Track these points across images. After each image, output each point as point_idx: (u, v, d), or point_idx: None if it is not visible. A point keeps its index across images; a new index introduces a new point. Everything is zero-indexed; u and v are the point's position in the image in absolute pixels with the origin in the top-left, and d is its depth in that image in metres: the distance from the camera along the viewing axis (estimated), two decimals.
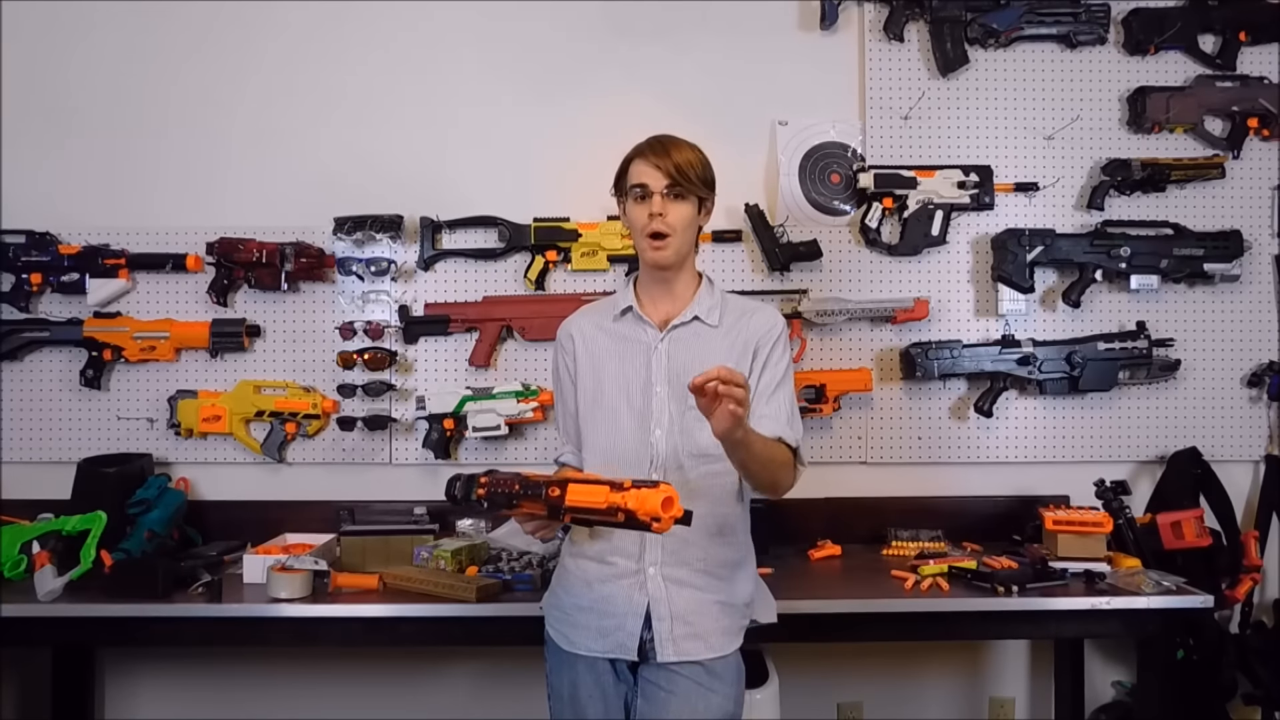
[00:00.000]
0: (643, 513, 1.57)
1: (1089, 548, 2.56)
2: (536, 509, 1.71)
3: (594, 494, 1.62)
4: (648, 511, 1.57)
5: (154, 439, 2.95)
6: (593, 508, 1.62)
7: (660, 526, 1.58)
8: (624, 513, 1.59)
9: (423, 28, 3.00)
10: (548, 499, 1.67)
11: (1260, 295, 3.01)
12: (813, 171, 3.00)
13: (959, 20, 2.96)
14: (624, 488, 1.60)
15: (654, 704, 1.87)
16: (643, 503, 1.57)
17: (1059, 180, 3.00)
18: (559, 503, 1.65)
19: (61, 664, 2.90)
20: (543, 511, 1.70)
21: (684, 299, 1.97)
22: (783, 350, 1.96)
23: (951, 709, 3.05)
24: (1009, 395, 2.97)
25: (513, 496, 1.73)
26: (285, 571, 2.38)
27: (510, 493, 1.73)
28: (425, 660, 3.01)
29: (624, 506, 1.58)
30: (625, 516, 1.59)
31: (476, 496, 1.77)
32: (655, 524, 1.57)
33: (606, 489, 1.62)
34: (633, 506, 1.58)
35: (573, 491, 1.65)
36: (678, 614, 1.87)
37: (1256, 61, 3.02)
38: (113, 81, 3.00)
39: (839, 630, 2.47)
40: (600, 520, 1.64)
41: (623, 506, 1.59)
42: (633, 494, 1.59)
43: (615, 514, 1.60)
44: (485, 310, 2.94)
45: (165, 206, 2.99)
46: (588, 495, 1.63)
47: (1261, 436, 3.01)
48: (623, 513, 1.59)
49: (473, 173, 2.99)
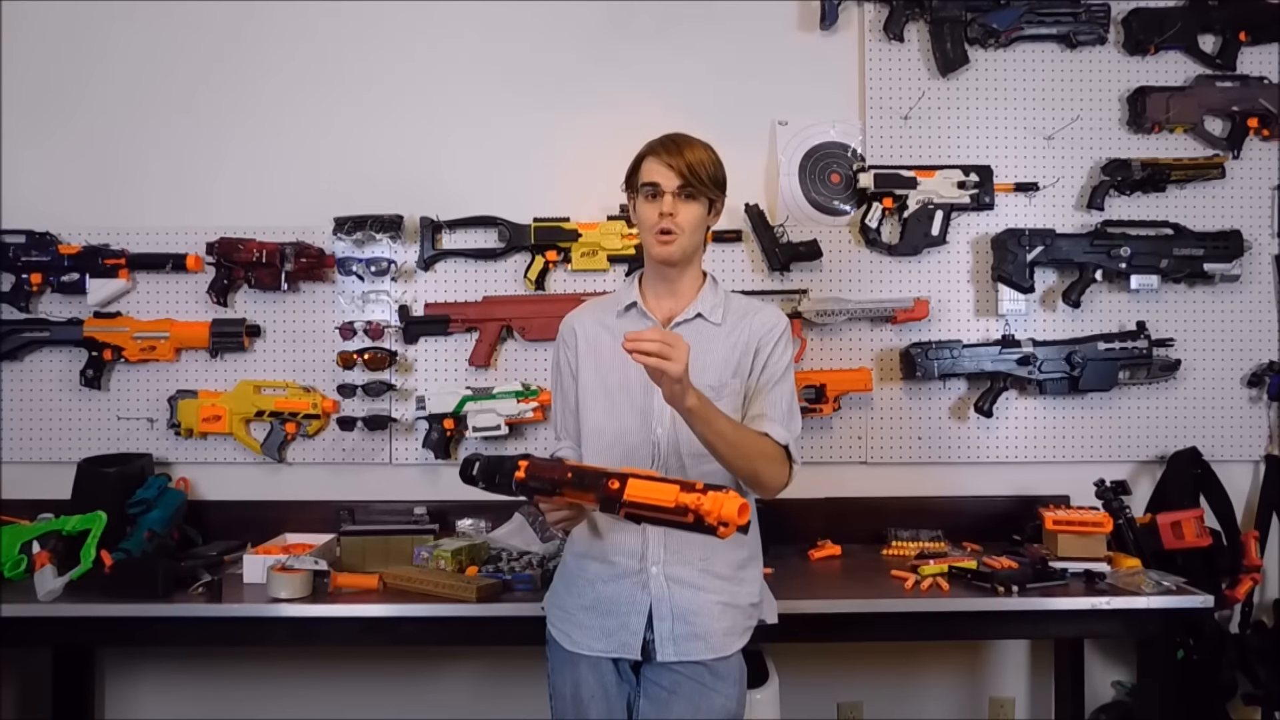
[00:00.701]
0: (715, 517, 1.54)
1: (1089, 548, 2.56)
2: (585, 500, 1.67)
3: (661, 491, 1.59)
4: (723, 516, 1.54)
5: (154, 439, 2.95)
6: (659, 505, 1.58)
7: (725, 532, 1.55)
8: (694, 514, 1.55)
9: (423, 28, 3.00)
10: (606, 491, 1.62)
11: (1260, 295, 3.01)
12: (813, 171, 3.00)
13: (959, 20, 2.96)
14: (695, 489, 1.57)
15: (656, 704, 1.87)
16: (719, 506, 1.54)
17: (1059, 180, 3.00)
18: (617, 496, 1.61)
19: (61, 664, 2.90)
20: (593, 503, 1.66)
21: (688, 296, 1.97)
22: (783, 348, 1.95)
23: (951, 709, 3.05)
24: (1009, 395, 2.97)
25: (559, 484, 1.67)
26: (285, 571, 2.38)
27: (557, 479, 1.68)
28: (425, 660, 3.01)
29: (696, 508, 1.55)
30: (695, 518, 1.55)
31: (516, 480, 1.70)
32: (722, 529, 1.54)
33: (676, 488, 1.58)
34: (708, 509, 1.54)
35: (634, 486, 1.60)
36: (679, 614, 1.87)
37: (1256, 61, 3.02)
38: (113, 81, 3.00)
39: (839, 630, 2.47)
40: (660, 518, 1.60)
41: (694, 508, 1.55)
42: (709, 497, 1.55)
43: (685, 514, 1.56)
44: (485, 310, 2.94)
45: (165, 206, 2.99)
46: (654, 492, 1.59)
47: (1261, 436, 3.01)
48: (692, 514, 1.55)
49: (473, 173, 2.99)
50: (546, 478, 1.69)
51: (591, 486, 1.64)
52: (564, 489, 1.67)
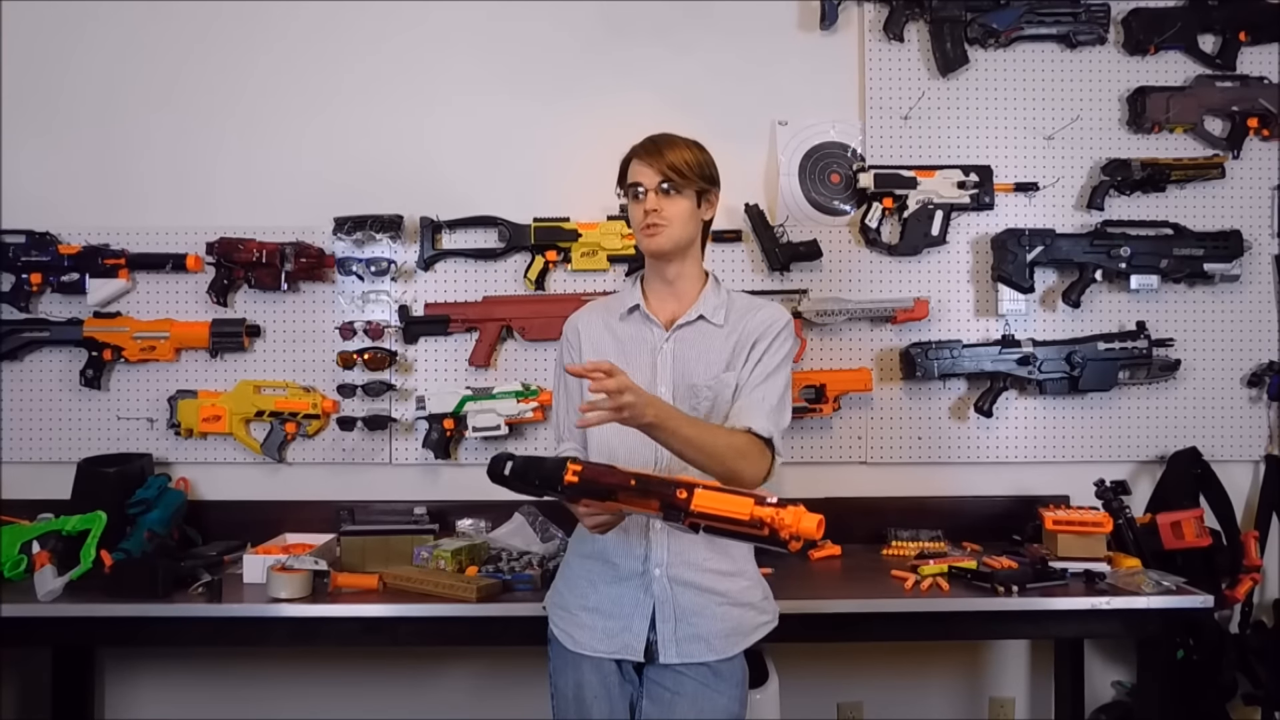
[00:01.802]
0: (790, 531, 1.52)
1: (1089, 548, 2.56)
2: (646, 508, 1.63)
3: (735, 504, 1.56)
4: (801, 531, 1.52)
5: (154, 439, 2.95)
6: (732, 517, 1.55)
7: (795, 546, 1.53)
8: (769, 528, 1.53)
9: (423, 27, 3.00)
10: (673, 500, 1.59)
11: (1260, 295, 3.01)
12: (813, 171, 3.00)
13: (959, 20, 2.96)
14: (767, 502, 1.55)
15: (660, 705, 1.87)
16: (798, 521, 1.52)
17: (1059, 180, 3.00)
18: (684, 505, 1.58)
19: (61, 664, 2.90)
20: (656, 511, 1.62)
21: (689, 297, 1.97)
22: (780, 343, 1.94)
23: (951, 709, 3.05)
24: (1009, 395, 2.97)
25: (616, 489, 1.63)
26: (285, 571, 2.38)
27: (615, 485, 1.63)
28: (425, 660, 3.01)
29: (773, 523, 1.53)
30: (770, 533, 1.53)
31: (565, 483, 1.64)
32: (794, 543, 1.53)
33: (751, 501, 1.55)
34: (788, 523, 1.52)
35: (703, 497, 1.57)
36: (683, 615, 1.88)
37: (1256, 61, 3.02)
38: (113, 81, 3.00)
39: (839, 630, 2.47)
40: (729, 530, 1.57)
41: (771, 523, 1.53)
42: (789, 511, 1.53)
43: (760, 528, 1.53)
44: (485, 310, 2.94)
45: (165, 206, 2.99)
46: (725, 504, 1.56)
47: (1261, 436, 3.01)
48: (768, 528, 1.53)
49: (473, 173, 2.99)
50: (603, 483, 1.64)
51: (656, 494, 1.61)
52: (620, 495, 1.63)
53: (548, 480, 1.65)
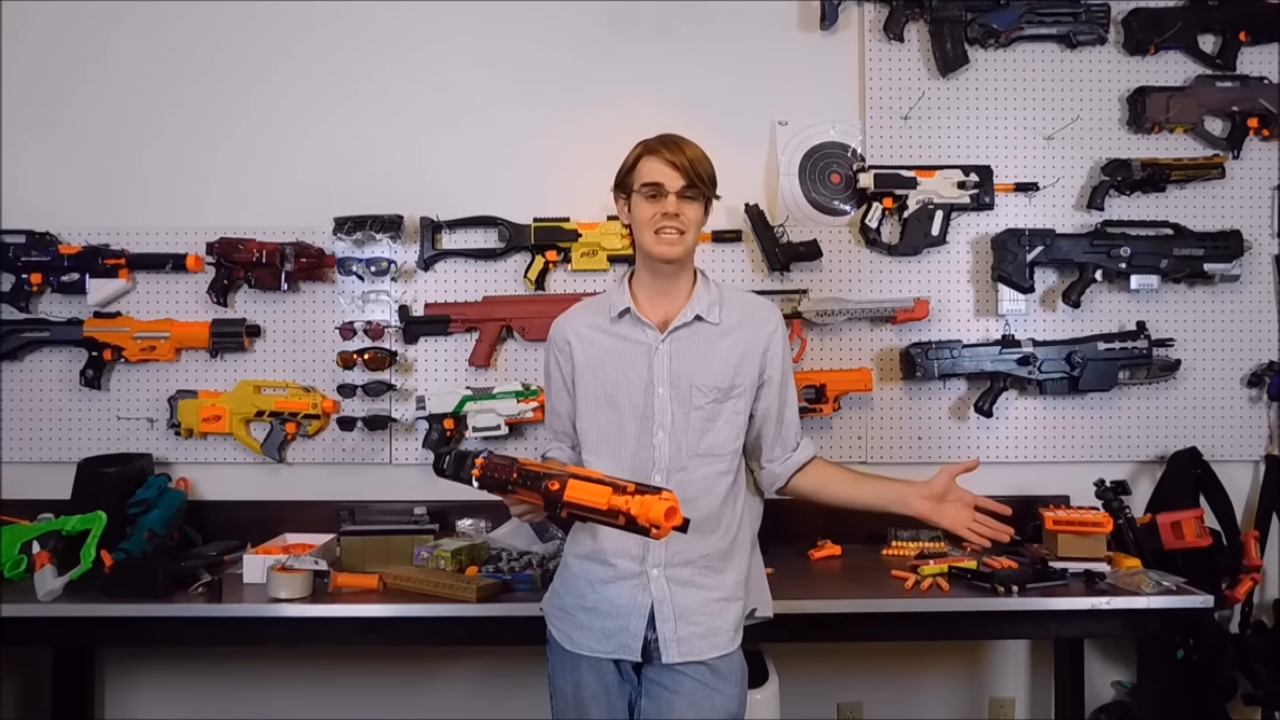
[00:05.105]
0: (644, 519, 1.58)
1: (1089, 548, 2.56)
2: (532, 499, 1.71)
3: (595, 494, 1.63)
4: (649, 519, 1.58)
5: (154, 439, 2.95)
6: (592, 507, 1.63)
7: (659, 534, 1.59)
8: (625, 516, 1.59)
9: (423, 28, 3.00)
10: (546, 492, 1.67)
11: (1260, 295, 3.01)
12: (813, 171, 3.00)
13: (959, 20, 2.96)
14: (626, 491, 1.60)
15: (659, 704, 1.87)
16: (645, 509, 1.58)
17: (1059, 180, 3.00)
18: (557, 497, 1.66)
19: (61, 664, 2.90)
20: (539, 502, 1.70)
21: (681, 297, 1.96)
22: (786, 355, 2.00)
23: (951, 709, 3.05)
24: (1009, 395, 2.97)
25: (508, 483, 1.73)
26: (285, 571, 2.37)
27: (506, 480, 1.73)
28: (425, 660, 3.01)
29: (625, 510, 1.59)
30: (626, 520, 1.60)
31: (471, 475, 1.76)
32: (654, 530, 1.58)
33: (609, 490, 1.62)
34: (635, 512, 1.59)
35: (573, 488, 1.65)
36: (681, 614, 1.87)
37: (1256, 61, 3.02)
38: (113, 81, 3.00)
39: (839, 630, 2.47)
40: (598, 519, 1.65)
41: (624, 510, 1.59)
42: (636, 500, 1.59)
43: (616, 517, 1.60)
44: (485, 310, 2.94)
45: (165, 206, 2.98)
46: (588, 494, 1.64)
47: (1261, 436, 3.01)
48: (623, 516, 1.59)
49: (473, 173, 2.99)
50: (499, 477, 1.74)
51: (534, 486, 1.69)
52: (515, 488, 1.72)
53: (467, 475, 1.75)
